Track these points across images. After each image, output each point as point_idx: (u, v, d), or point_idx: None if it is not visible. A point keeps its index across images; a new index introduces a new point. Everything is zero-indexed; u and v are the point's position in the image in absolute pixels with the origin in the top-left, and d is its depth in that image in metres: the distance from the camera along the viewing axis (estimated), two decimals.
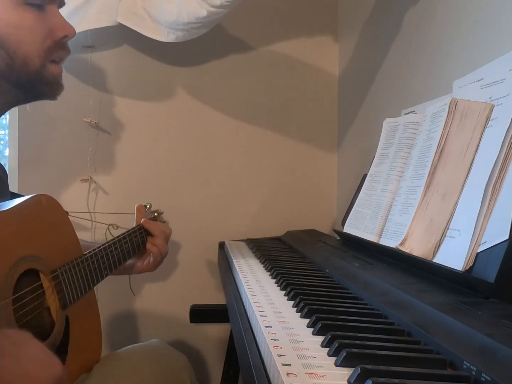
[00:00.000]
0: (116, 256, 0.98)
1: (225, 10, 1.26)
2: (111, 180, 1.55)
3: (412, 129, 0.96)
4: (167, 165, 1.58)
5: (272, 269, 0.92)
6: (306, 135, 1.66)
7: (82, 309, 0.84)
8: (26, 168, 1.48)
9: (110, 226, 1.44)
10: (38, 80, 0.84)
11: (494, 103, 0.72)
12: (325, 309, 0.65)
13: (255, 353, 0.55)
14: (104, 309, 0.96)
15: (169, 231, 1.13)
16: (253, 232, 1.58)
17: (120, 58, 1.54)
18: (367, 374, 0.42)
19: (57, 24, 0.85)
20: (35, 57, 0.82)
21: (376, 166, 1.06)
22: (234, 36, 1.62)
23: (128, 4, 1.38)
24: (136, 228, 1.08)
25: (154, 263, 1.09)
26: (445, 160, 0.78)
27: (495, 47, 0.84)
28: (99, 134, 1.53)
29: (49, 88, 0.87)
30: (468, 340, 0.47)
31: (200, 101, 1.60)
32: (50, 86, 0.87)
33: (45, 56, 0.83)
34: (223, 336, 1.55)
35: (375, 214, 0.98)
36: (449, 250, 0.70)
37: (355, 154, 1.53)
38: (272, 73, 1.64)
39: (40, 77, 0.84)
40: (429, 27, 1.09)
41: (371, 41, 1.44)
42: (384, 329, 0.57)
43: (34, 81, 0.84)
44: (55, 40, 0.84)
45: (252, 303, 0.68)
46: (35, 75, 0.83)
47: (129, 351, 1.00)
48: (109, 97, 1.54)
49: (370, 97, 1.42)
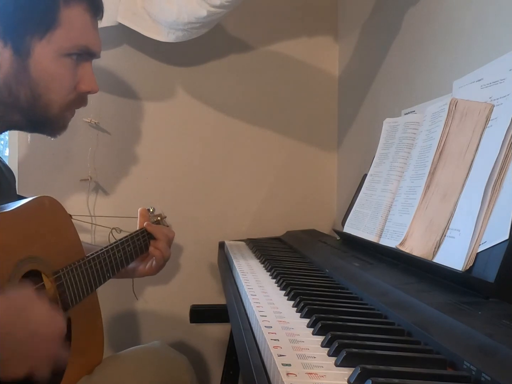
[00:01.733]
0: (119, 259, 0.98)
1: (225, 10, 1.26)
2: (111, 180, 1.55)
3: (412, 129, 0.96)
4: (167, 165, 1.58)
5: (272, 269, 0.92)
6: (306, 135, 1.66)
7: (84, 311, 0.84)
8: (26, 168, 1.48)
9: (113, 229, 1.44)
10: (50, 124, 0.88)
11: (494, 103, 0.72)
12: (325, 309, 0.65)
13: (255, 353, 0.55)
14: (105, 311, 0.96)
15: (172, 234, 1.13)
16: (253, 232, 1.58)
17: (120, 58, 1.54)
18: (367, 374, 0.42)
19: (85, 78, 0.88)
20: (56, 105, 0.85)
21: (376, 166, 1.06)
22: (234, 36, 1.62)
23: (128, 4, 1.38)
24: (139, 231, 1.07)
25: (156, 266, 1.09)
26: (445, 160, 0.78)
27: (495, 47, 0.84)
28: (99, 134, 1.53)
29: (54, 129, 0.90)
30: (468, 340, 0.47)
31: (200, 101, 1.60)
32: (58, 129, 0.90)
33: (66, 107, 0.87)
34: (223, 336, 1.55)
35: (375, 214, 0.98)
36: (449, 250, 0.70)
37: (355, 154, 1.53)
38: (272, 73, 1.64)
39: (53, 122, 0.88)
40: (429, 27, 1.09)
41: (371, 41, 1.44)
42: (384, 329, 0.57)
43: (46, 123, 0.88)
44: (79, 92, 0.88)
45: (252, 303, 0.68)
46: (50, 119, 0.86)
47: (131, 353, 1.00)
48: (109, 97, 1.54)
49: (370, 97, 1.42)
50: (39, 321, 0.62)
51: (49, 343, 0.63)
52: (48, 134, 0.92)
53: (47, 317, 0.64)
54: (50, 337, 0.63)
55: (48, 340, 0.63)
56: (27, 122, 0.87)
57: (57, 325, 0.65)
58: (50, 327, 0.63)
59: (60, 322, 0.65)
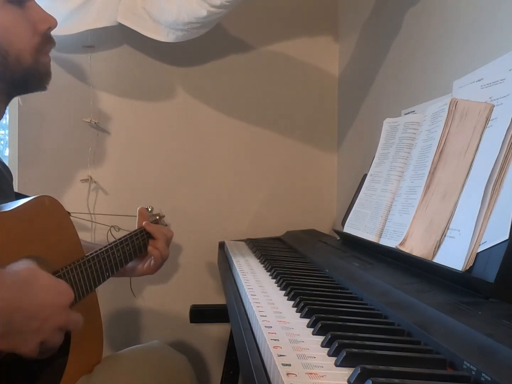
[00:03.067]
0: (118, 258, 0.98)
1: (225, 10, 1.26)
2: (111, 180, 1.55)
3: (412, 129, 0.96)
4: (167, 165, 1.58)
5: (272, 269, 0.92)
6: (306, 135, 1.66)
7: (83, 310, 0.84)
8: (26, 168, 1.48)
9: (111, 228, 1.44)
10: (31, 75, 0.87)
11: (494, 103, 0.72)
12: (325, 309, 0.65)
13: (255, 353, 0.54)
14: (105, 310, 0.96)
15: (171, 234, 1.13)
16: (253, 232, 1.58)
17: (120, 58, 1.54)
18: (367, 374, 0.42)
19: (39, 17, 0.87)
20: (26, 54, 0.84)
21: (376, 166, 1.06)
22: (234, 36, 1.62)
23: (128, 4, 1.38)
24: (138, 231, 1.07)
25: (155, 266, 1.09)
26: (445, 160, 0.78)
27: (495, 47, 0.84)
28: (99, 134, 1.53)
29: (40, 80, 0.89)
30: (468, 340, 0.47)
31: (200, 101, 1.60)
32: (41, 78, 0.89)
33: (36, 52, 0.86)
34: (223, 336, 1.55)
35: (375, 214, 0.98)
36: (449, 250, 0.70)
37: (355, 154, 1.53)
38: (272, 73, 1.64)
39: (33, 72, 0.87)
40: (428, 27, 1.09)
41: (371, 41, 1.44)
42: (384, 329, 0.57)
43: (27, 76, 0.86)
44: (41, 34, 0.86)
45: (252, 303, 0.68)
46: (28, 70, 0.85)
47: (130, 353, 1.00)
48: (109, 97, 1.54)
49: (370, 97, 1.42)
50: (44, 291, 0.62)
51: (59, 311, 0.64)
52: (38, 88, 0.91)
53: (52, 286, 0.64)
54: (59, 305, 0.64)
55: (57, 308, 0.64)
56: (10, 84, 0.86)
57: (62, 291, 0.66)
58: (56, 295, 0.64)
59: (65, 288, 0.67)
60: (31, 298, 0.60)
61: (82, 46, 1.49)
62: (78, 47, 1.48)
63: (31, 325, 0.60)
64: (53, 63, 0.92)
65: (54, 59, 1.43)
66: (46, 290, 0.63)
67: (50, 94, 1.01)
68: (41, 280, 0.63)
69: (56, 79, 0.95)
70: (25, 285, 0.61)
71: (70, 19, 1.35)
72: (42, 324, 0.61)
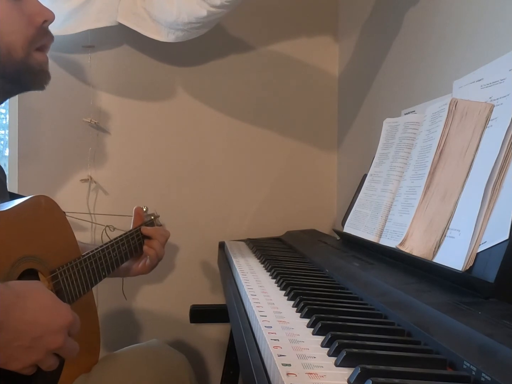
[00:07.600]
0: (114, 258, 0.99)
1: (225, 10, 1.26)
2: (111, 180, 1.55)
3: (412, 129, 0.96)
4: (167, 165, 1.58)
5: (272, 269, 0.92)
6: (306, 135, 1.66)
7: (80, 310, 0.84)
8: (26, 168, 1.48)
9: (106, 227, 1.44)
10: (23, 70, 0.84)
11: (494, 103, 0.72)
12: (325, 309, 0.65)
13: (255, 353, 0.55)
14: (103, 310, 0.97)
15: (168, 234, 1.14)
16: (253, 232, 1.58)
17: (120, 58, 1.54)
18: (367, 374, 0.42)
19: (35, 10, 0.84)
20: (18, 47, 0.82)
21: (376, 166, 1.06)
22: (234, 36, 1.62)
23: (128, 4, 1.38)
24: (133, 231, 1.08)
25: (150, 265, 1.10)
26: (445, 160, 0.78)
27: (495, 47, 0.84)
28: (99, 134, 1.53)
29: (35, 78, 0.87)
30: (468, 340, 0.47)
31: (200, 101, 1.60)
32: (36, 76, 0.87)
33: (29, 45, 0.83)
34: (223, 336, 1.55)
35: (375, 214, 0.98)
36: (449, 250, 0.70)
37: (355, 154, 1.53)
38: (272, 73, 1.64)
39: (25, 67, 0.84)
40: (429, 27, 1.09)
41: (371, 41, 1.43)
42: (384, 329, 0.57)
43: (20, 71, 0.84)
44: (36, 27, 0.84)
45: (252, 303, 0.68)
46: (20, 65, 0.83)
47: (128, 352, 1.00)
48: (109, 97, 1.54)
49: (370, 97, 1.42)
50: (39, 309, 0.60)
51: (52, 332, 0.60)
52: (34, 86, 0.88)
53: (50, 306, 0.62)
54: (53, 326, 0.61)
55: (50, 329, 0.60)
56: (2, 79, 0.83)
57: (61, 314, 0.62)
58: (52, 316, 0.61)
59: (64, 312, 0.63)
60: (21, 313, 0.58)
61: (82, 46, 1.49)
62: (78, 47, 1.48)
63: (20, 342, 0.57)
64: (53, 63, 0.92)
65: (54, 59, 1.44)
66: (42, 309, 0.60)
67: (50, 94, 1.01)
68: (39, 298, 0.61)
69: (56, 79, 0.94)
70: (16, 299, 0.58)
71: (70, 19, 1.35)
72: (33, 343, 0.58)
